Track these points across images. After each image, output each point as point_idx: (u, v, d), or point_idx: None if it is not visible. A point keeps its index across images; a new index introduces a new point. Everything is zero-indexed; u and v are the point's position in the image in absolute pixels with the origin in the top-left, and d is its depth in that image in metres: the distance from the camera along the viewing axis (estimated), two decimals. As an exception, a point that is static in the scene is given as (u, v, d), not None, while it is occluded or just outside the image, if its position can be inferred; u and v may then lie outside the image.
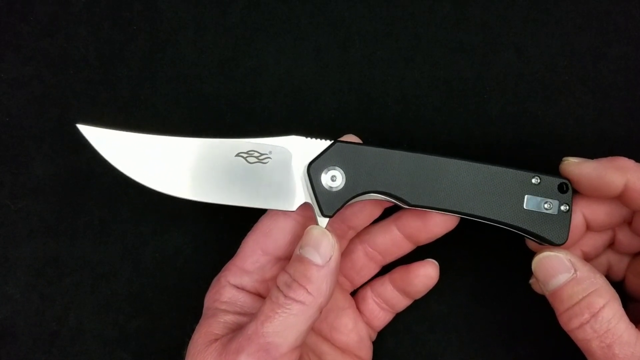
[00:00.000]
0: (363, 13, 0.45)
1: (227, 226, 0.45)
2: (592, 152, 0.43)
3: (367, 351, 0.42)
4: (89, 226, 0.45)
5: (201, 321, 0.38)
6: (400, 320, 0.44)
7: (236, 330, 0.36)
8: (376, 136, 0.44)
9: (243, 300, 0.38)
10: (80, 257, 0.45)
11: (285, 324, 0.34)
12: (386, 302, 0.42)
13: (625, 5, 0.44)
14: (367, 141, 0.44)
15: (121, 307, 0.45)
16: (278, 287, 0.35)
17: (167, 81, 0.45)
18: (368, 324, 0.42)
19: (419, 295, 0.42)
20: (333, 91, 0.45)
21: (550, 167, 0.39)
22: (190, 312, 0.40)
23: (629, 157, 0.37)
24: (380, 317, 0.42)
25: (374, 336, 0.43)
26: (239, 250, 0.39)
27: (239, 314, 0.38)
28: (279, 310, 0.34)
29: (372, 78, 0.45)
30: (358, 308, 0.42)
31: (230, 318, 0.37)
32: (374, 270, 0.42)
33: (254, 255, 0.39)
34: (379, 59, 0.45)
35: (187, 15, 0.45)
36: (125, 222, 0.45)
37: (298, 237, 0.38)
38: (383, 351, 0.44)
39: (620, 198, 0.36)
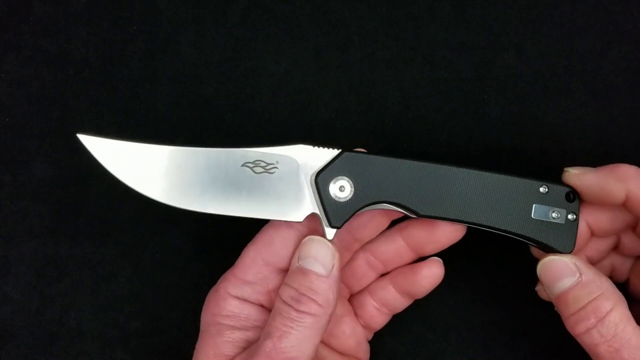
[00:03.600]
0: (363, 13, 0.45)
1: (228, 226, 0.45)
2: (592, 153, 0.43)
3: (365, 353, 0.42)
4: (89, 226, 0.45)
5: (204, 340, 0.37)
6: (400, 320, 0.44)
7: (246, 347, 0.36)
8: (376, 136, 0.44)
9: (247, 312, 0.37)
10: (80, 257, 0.45)
11: (302, 337, 0.34)
12: (387, 305, 0.41)
13: (625, 5, 0.44)
14: (367, 143, 0.44)
15: (121, 307, 0.45)
16: (285, 301, 0.35)
17: (167, 81, 0.45)
18: (366, 327, 0.42)
19: (423, 295, 0.41)
20: (333, 91, 0.45)
21: (550, 168, 0.39)
22: (190, 312, 0.40)
23: (630, 157, 0.37)
24: (379, 320, 0.42)
25: (370, 337, 0.43)
26: (239, 260, 0.38)
27: (246, 329, 0.37)
28: (293, 325, 0.34)
29: (372, 78, 0.45)
30: (355, 313, 0.42)
31: (238, 335, 0.37)
32: (373, 278, 0.42)
33: (256, 266, 0.38)
34: (379, 59, 0.45)
35: (187, 15, 0.45)
36: (125, 222, 0.45)
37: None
38: (383, 351, 0.44)
39: (624, 206, 0.36)
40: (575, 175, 0.37)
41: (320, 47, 0.45)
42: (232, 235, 0.40)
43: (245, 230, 0.40)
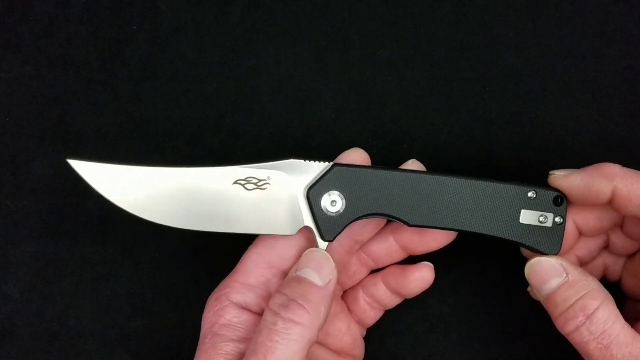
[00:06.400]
0: (363, 13, 0.45)
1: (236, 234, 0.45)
2: (591, 153, 0.43)
3: (360, 349, 0.42)
4: (89, 226, 0.45)
5: (200, 351, 0.36)
6: (400, 320, 0.44)
7: None
8: (376, 136, 0.44)
9: (245, 323, 0.37)
10: (80, 257, 0.45)
11: (288, 352, 0.33)
12: (378, 301, 0.41)
13: (625, 5, 0.44)
14: (367, 142, 0.44)
15: (121, 307, 0.45)
16: (273, 310, 0.34)
17: (167, 81, 0.45)
18: (359, 322, 0.42)
19: (413, 296, 0.41)
20: (333, 91, 0.45)
21: (550, 168, 0.39)
22: (190, 312, 0.40)
23: (630, 157, 0.37)
24: (372, 315, 0.42)
25: (364, 333, 0.43)
26: (240, 265, 0.38)
27: (240, 340, 0.36)
28: (279, 338, 0.33)
29: (372, 78, 0.45)
30: (348, 307, 0.42)
31: (231, 348, 0.36)
32: (365, 274, 0.42)
33: (258, 269, 0.38)
34: (379, 59, 0.45)
35: (187, 15, 0.45)
36: (125, 222, 0.45)
37: (303, 251, 0.38)
38: (383, 351, 0.44)
39: (610, 204, 0.37)
40: (562, 177, 0.37)
41: (320, 47, 0.45)
42: (232, 235, 0.40)
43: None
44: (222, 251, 0.41)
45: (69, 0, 0.46)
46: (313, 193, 0.37)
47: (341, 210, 0.37)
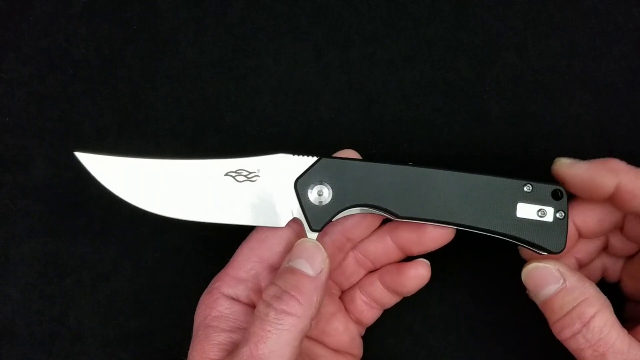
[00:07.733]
0: (363, 13, 0.45)
1: (227, 225, 0.45)
2: (592, 152, 0.43)
3: (359, 348, 0.42)
4: (89, 226, 0.45)
5: (193, 345, 0.37)
6: (400, 320, 0.44)
7: (232, 350, 0.36)
8: (376, 136, 0.44)
9: (237, 314, 0.37)
10: (80, 257, 0.45)
11: (280, 341, 0.34)
12: (376, 301, 0.41)
13: (625, 5, 0.44)
14: (367, 142, 0.44)
15: (121, 307, 0.45)
16: (266, 301, 0.35)
17: (167, 81, 0.45)
18: (357, 322, 0.42)
19: (411, 294, 0.41)
20: (333, 91, 0.45)
21: (550, 168, 0.39)
22: (190, 312, 0.39)
23: (629, 157, 0.37)
24: (370, 315, 0.42)
25: (363, 332, 0.43)
26: (232, 259, 0.39)
27: (233, 330, 0.37)
28: (271, 328, 0.34)
29: (372, 78, 0.45)
30: (346, 308, 0.42)
31: (224, 338, 0.36)
32: (362, 274, 0.42)
33: (249, 262, 0.38)
34: (379, 59, 0.45)
35: (187, 15, 0.45)
36: (125, 222, 0.45)
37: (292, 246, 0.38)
38: (383, 351, 0.44)
39: (612, 200, 0.36)
40: (567, 165, 0.37)
41: (320, 47, 0.45)
42: (232, 235, 0.40)
43: (244, 230, 0.40)
44: (223, 251, 0.41)
45: (69, 0, 0.46)
46: (300, 184, 0.37)
47: (328, 201, 0.37)
